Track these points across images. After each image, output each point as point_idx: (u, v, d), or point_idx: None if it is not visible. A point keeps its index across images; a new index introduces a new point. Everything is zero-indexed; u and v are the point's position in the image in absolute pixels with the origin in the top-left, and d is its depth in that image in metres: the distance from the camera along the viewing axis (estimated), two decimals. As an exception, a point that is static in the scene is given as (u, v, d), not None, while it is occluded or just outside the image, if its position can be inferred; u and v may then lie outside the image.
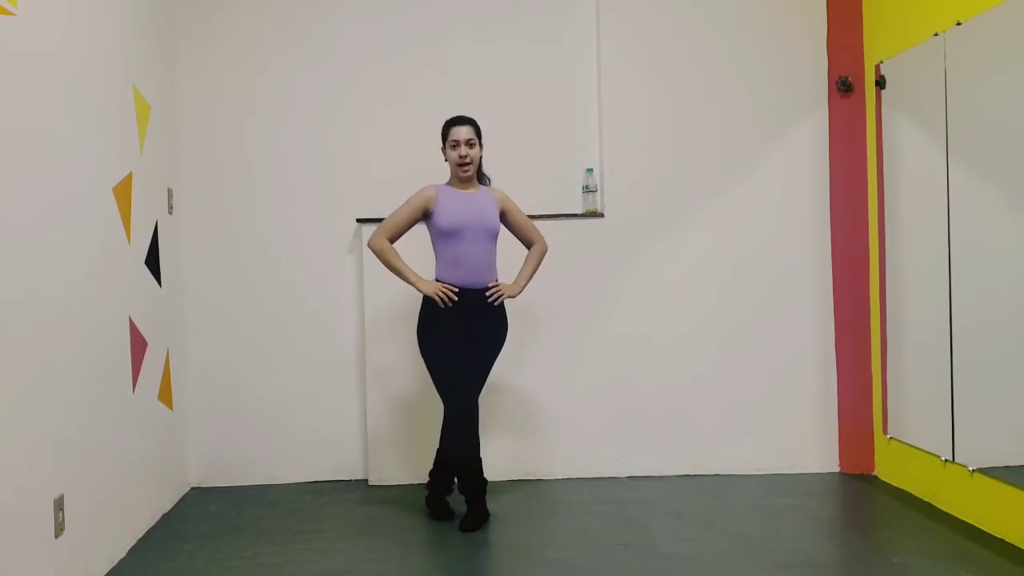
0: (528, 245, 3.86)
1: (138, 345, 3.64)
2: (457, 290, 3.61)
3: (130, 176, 3.60)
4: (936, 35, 3.73)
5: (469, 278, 3.64)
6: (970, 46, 3.54)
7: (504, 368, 4.47)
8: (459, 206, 3.65)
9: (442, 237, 3.65)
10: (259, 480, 4.47)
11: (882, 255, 4.28)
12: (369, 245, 3.73)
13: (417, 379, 4.43)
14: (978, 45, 3.50)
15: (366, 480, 4.49)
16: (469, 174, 3.70)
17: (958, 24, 3.58)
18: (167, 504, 4.05)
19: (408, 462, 4.42)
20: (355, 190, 4.48)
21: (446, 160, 3.76)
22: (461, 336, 3.63)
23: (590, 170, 4.51)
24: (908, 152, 4.05)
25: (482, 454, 4.47)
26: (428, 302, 3.64)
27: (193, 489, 4.42)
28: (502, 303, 3.74)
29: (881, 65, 4.25)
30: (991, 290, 3.51)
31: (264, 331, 4.48)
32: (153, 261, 3.91)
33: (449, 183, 3.76)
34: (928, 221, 3.84)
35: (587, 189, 4.50)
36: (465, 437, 3.67)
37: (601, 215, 4.49)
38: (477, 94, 4.48)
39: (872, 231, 4.38)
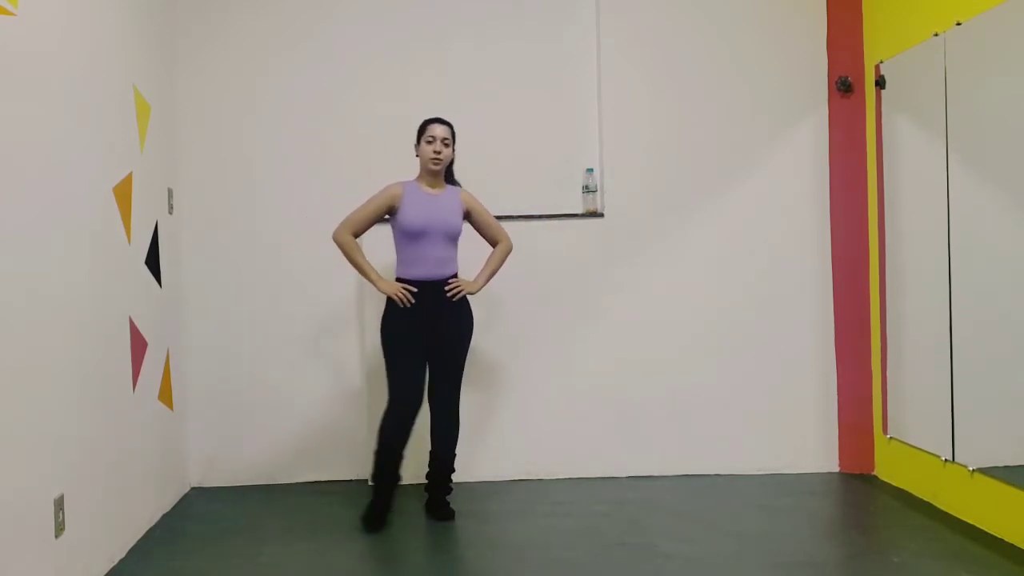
0: (493, 244, 3.89)
1: (138, 345, 3.64)
2: (416, 290, 3.65)
3: (130, 176, 3.60)
4: (936, 35, 3.73)
5: (427, 273, 3.69)
6: (970, 46, 3.54)
7: (504, 368, 4.47)
8: (424, 207, 3.69)
9: (405, 236, 3.70)
10: (259, 480, 4.47)
11: (882, 255, 4.28)
12: (334, 238, 3.74)
13: (417, 379, 4.43)
14: (978, 45, 3.50)
15: (366, 480, 4.48)
16: (439, 168, 3.75)
17: (958, 24, 3.58)
18: (167, 504, 4.05)
19: (408, 462, 4.40)
20: (355, 190, 4.46)
21: (417, 156, 3.80)
22: (418, 335, 3.68)
23: (590, 170, 4.51)
24: (908, 152, 4.05)
25: (480, 453, 4.47)
26: (390, 300, 3.69)
27: (193, 489, 4.42)
28: (464, 298, 3.77)
29: (881, 65, 4.25)
30: (991, 290, 3.51)
31: (264, 331, 4.48)
32: (153, 261, 3.91)
33: (417, 181, 3.80)
34: (928, 221, 3.84)
35: (587, 189, 4.50)
36: (396, 433, 3.71)
37: (601, 215, 4.49)
38: (477, 94, 4.49)
39: (872, 231, 4.38)
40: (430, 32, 4.52)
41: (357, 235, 3.77)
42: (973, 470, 3.57)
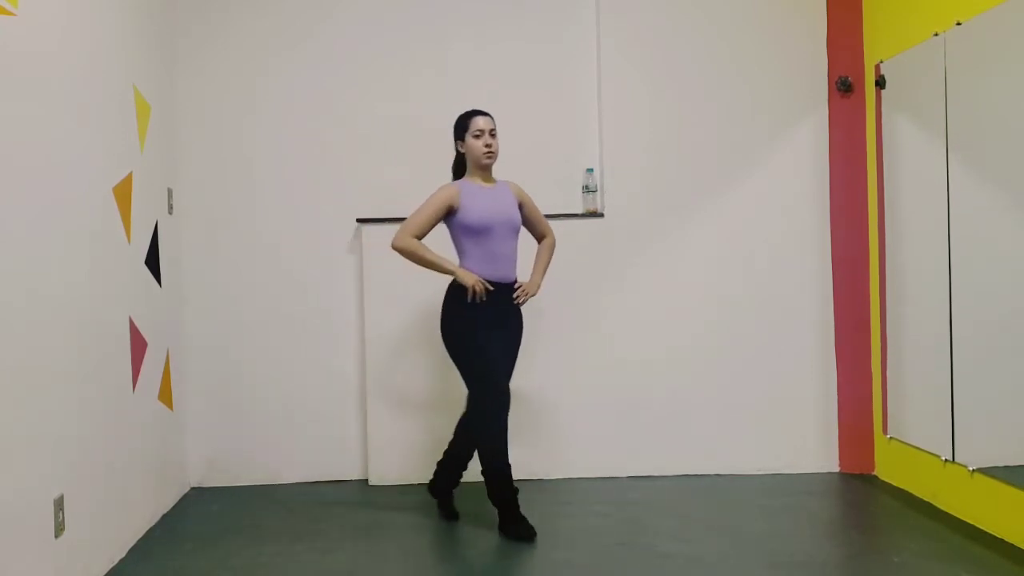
0: (540, 238, 3.84)
1: (138, 345, 3.64)
2: (492, 288, 3.54)
3: (130, 176, 3.60)
4: (936, 35, 3.73)
5: (501, 273, 3.59)
6: (970, 46, 3.54)
7: (504, 368, 4.47)
8: (485, 202, 3.59)
9: (470, 234, 3.57)
10: (259, 480, 4.47)
11: (882, 255, 4.28)
12: (394, 246, 3.58)
13: (418, 378, 4.43)
14: (978, 45, 3.50)
15: (366, 480, 4.49)
16: (492, 161, 3.64)
17: (958, 24, 3.58)
18: (167, 504, 4.05)
19: (408, 462, 4.42)
20: (355, 190, 4.48)
21: (462, 152, 3.67)
22: (493, 324, 3.58)
23: (590, 170, 4.51)
24: (908, 152, 4.05)
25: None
26: (456, 294, 3.56)
27: (193, 489, 4.42)
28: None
29: (881, 65, 4.25)
30: (991, 290, 3.51)
31: (264, 331, 4.48)
32: (153, 261, 3.91)
33: (468, 179, 3.68)
34: (928, 221, 3.84)
35: (587, 189, 4.50)
36: (500, 428, 3.60)
37: (601, 215, 4.49)
38: (477, 94, 4.47)
39: (872, 231, 4.39)
40: (430, 32, 4.52)
41: (419, 239, 3.61)
42: (973, 470, 3.57)
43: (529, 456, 4.44)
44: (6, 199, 2.51)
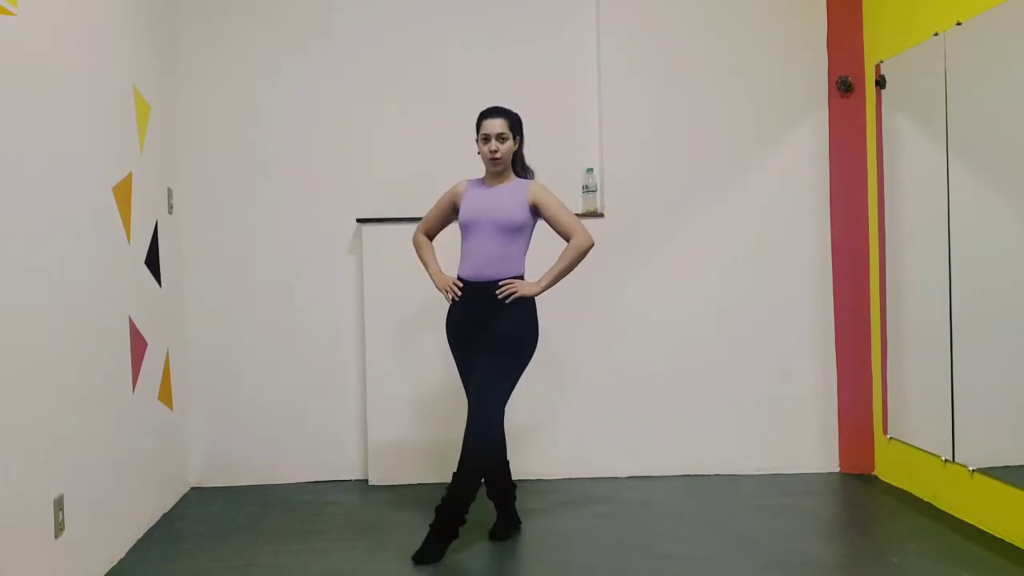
0: (567, 240, 3.51)
1: (138, 345, 3.64)
2: (462, 284, 3.46)
3: (130, 176, 3.60)
4: (936, 35, 3.73)
5: (476, 271, 3.43)
6: (970, 46, 3.54)
7: (504, 368, 4.47)
8: (477, 200, 3.50)
9: (461, 231, 3.53)
10: (259, 480, 4.46)
11: (882, 255, 4.28)
12: (412, 239, 3.69)
13: (417, 379, 4.43)
14: (978, 45, 3.50)
15: (366, 480, 4.49)
16: (499, 169, 3.49)
17: (958, 24, 3.58)
18: (167, 504, 4.05)
19: (408, 462, 4.42)
20: (355, 190, 4.48)
21: (479, 153, 3.57)
22: (467, 335, 3.49)
23: (590, 170, 4.51)
24: (908, 152, 4.05)
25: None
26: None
27: (193, 489, 4.42)
28: (525, 300, 3.43)
29: (881, 65, 4.25)
30: (991, 290, 3.51)
31: (264, 331, 4.48)
32: (153, 261, 3.91)
33: (482, 177, 3.60)
34: (928, 221, 3.84)
35: (587, 189, 4.50)
36: (469, 436, 3.52)
37: (601, 215, 4.49)
38: (477, 94, 4.46)
39: (872, 231, 4.39)
40: (430, 32, 4.52)
41: (430, 235, 3.64)
42: (973, 470, 3.57)
43: (529, 456, 4.44)
44: (6, 199, 2.51)
